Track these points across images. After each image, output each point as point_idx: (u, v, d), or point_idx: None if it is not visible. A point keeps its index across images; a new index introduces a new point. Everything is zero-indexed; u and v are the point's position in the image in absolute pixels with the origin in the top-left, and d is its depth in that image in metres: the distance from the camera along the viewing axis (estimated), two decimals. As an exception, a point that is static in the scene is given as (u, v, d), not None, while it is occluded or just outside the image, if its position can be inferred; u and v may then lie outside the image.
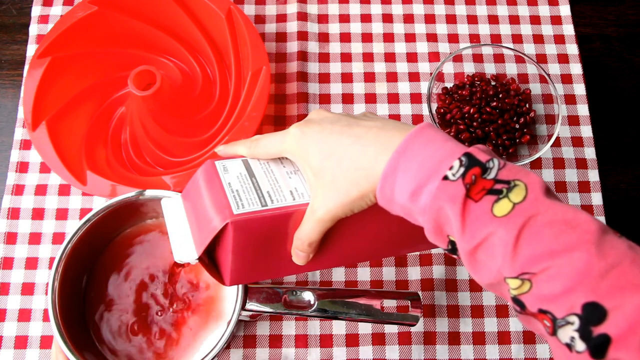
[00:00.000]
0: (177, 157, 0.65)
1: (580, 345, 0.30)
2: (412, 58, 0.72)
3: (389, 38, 0.73)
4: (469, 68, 0.68)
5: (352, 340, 0.60)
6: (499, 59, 0.69)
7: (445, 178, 0.34)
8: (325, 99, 0.70)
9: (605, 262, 0.30)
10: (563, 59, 0.72)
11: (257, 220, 0.39)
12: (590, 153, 0.67)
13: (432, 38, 0.73)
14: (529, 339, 0.60)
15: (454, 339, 0.60)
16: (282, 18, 0.73)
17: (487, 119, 0.64)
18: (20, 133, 0.68)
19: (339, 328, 0.60)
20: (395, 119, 0.68)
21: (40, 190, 0.65)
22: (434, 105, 0.67)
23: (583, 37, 0.75)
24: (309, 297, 0.53)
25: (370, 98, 0.70)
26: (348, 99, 0.70)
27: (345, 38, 0.73)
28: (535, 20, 0.74)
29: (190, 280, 0.57)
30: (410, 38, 0.73)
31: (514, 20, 0.74)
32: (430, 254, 0.63)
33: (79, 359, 0.49)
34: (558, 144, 0.68)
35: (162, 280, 0.57)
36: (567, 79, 0.71)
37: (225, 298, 0.56)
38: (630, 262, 0.30)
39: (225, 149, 0.46)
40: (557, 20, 0.74)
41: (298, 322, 0.61)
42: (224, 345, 0.51)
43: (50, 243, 0.63)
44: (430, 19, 0.74)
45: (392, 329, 0.60)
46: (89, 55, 0.67)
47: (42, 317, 0.60)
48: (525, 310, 0.33)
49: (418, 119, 0.69)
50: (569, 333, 0.30)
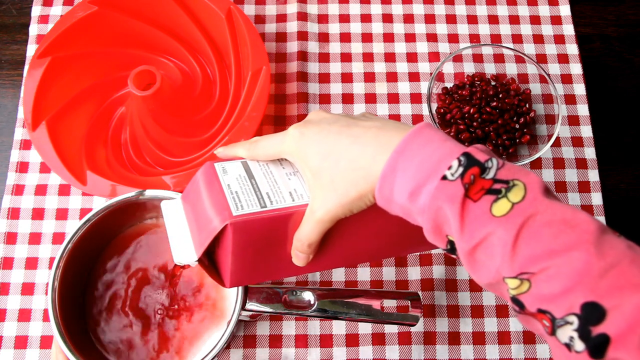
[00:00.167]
0: (177, 157, 0.65)
1: (580, 345, 0.30)
2: (412, 58, 0.72)
3: (389, 38, 0.73)
4: (469, 68, 0.68)
5: (352, 340, 0.60)
6: (499, 59, 0.69)
7: (444, 178, 0.34)
8: (325, 99, 0.70)
9: (604, 261, 0.30)
10: (563, 59, 0.72)
11: (256, 222, 0.39)
12: (590, 153, 0.67)
13: (432, 38, 0.73)
14: (529, 339, 0.60)
15: (454, 339, 0.60)
16: (282, 18, 0.73)
17: (487, 119, 0.64)
18: (20, 133, 0.68)
19: (339, 328, 0.60)
20: (395, 119, 0.68)
21: (40, 190, 0.65)
22: (434, 105, 0.67)
23: (583, 37, 0.75)
24: (309, 297, 0.53)
25: (370, 98, 0.70)
26: (348, 99, 0.70)
27: (345, 38, 0.73)
28: (535, 20, 0.74)
29: (191, 280, 0.57)
30: (410, 38, 0.73)
31: (514, 20, 0.74)
32: (430, 254, 0.63)
33: (79, 359, 0.49)
34: (558, 144, 0.68)
35: (162, 280, 0.57)
36: (567, 79, 0.71)
37: (225, 298, 0.56)
38: (630, 261, 0.30)
39: (225, 151, 0.46)
40: (557, 20, 0.74)
41: (298, 322, 0.61)
42: (224, 345, 0.51)
43: (50, 243, 0.63)
44: (430, 19, 0.74)
45: (392, 329, 0.60)
46: (89, 55, 0.67)
47: (42, 317, 0.60)
48: (525, 310, 0.33)
49: (418, 119, 0.69)
50: (568, 333, 0.30)
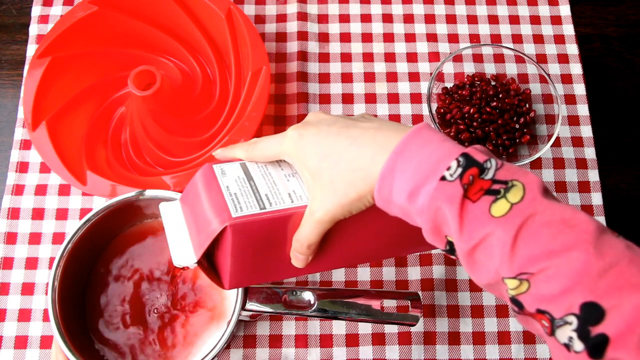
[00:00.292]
0: (177, 157, 0.65)
1: (579, 345, 0.30)
2: (412, 58, 0.72)
3: (389, 38, 0.73)
4: (469, 68, 0.68)
5: (352, 340, 0.60)
6: (499, 59, 0.69)
7: (443, 178, 0.34)
8: (325, 99, 0.70)
9: (604, 261, 0.30)
10: (563, 59, 0.72)
11: (255, 223, 0.39)
12: (590, 153, 0.67)
13: (432, 38, 0.73)
14: (529, 339, 0.60)
15: (454, 339, 0.60)
16: (282, 18, 0.73)
17: (487, 119, 0.64)
18: (20, 133, 0.68)
19: (339, 328, 0.60)
20: (395, 119, 0.69)
21: (40, 190, 0.65)
22: (434, 105, 0.67)
23: (583, 37, 0.75)
24: (309, 297, 0.53)
25: (370, 98, 0.70)
26: (348, 99, 0.70)
27: (345, 38, 0.73)
28: (535, 20, 0.74)
29: (191, 280, 0.57)
30: (410, 38, 0.73)
31: (514, 20, 0.74)
32: (430, 254, 0.63)
33: (79, 359, 0.49)
34: (558, 144, 0.68)
35: (162, 280, 0.57)
36: (567, 79, 0.71)
37: (225, 298, 0.56)
38: (629, 261, 0.30)
39: (223, 152, 0.46)
40: (557, 20, 0.74)
41: (298, 322, 0.61)
42: (224, 345, 0.51)
43: (50, 243, 0.63)
44: (430, 19, 0.74)
45: (392, 329, 0.60)
46: (89, 55, 0.67)
47: (42, 317, 0.60)
48: (524, 311, 0.33)
49: (418, 119, 0.69)
50: (567, 333, 0.30)
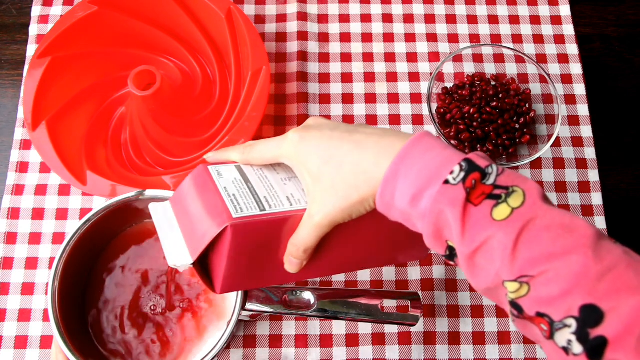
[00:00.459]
0: (177, 157, 0.65)
1: (578, 348, 0.30)
2: (412, 58, 0.72)
3: (389, 38, 0.73)
4: (469, 68, 0.68)
5: (352, 340, 0.60)
6: (499, 59, 0.69)
7: (446, 182, 0.34)
8: (325, 99, 0.70)
9: (602, 265, 0.30)
10: (563, 59, 0.72)
11: (256, 225, 0.38)
12: (590, 153, 0.67)
13: (432, 38, 0.73)
14: (529, 339, 0.60)
15: (454, 339, 0.60)
16: (282, 18, 0.73)
17: (487, 119, 0.64)
18: (20, 133, 0.68)
19: (339, 328, 0.60)
20: (395, 119, 0.69)
21: (40, 190, 0.65)
22: (434, 105, 0.67)
23: (583, 37, 0.75)
24: (309, 297, 0.53)
25: (370, 98, 0.70)
26: (348, 99, 0.70)
27: (345, 38, 0.73)
28: (535, 20, 0.74)
29: (190, 280, 0.57)
30: (410, 38, 0.73)
31: (514, 20, 0.74)
32: (430, 254, 0.63)
33: (79, 359, 0.49)
34: (558, 144, 0.68)
35: (162, 280, 0.57)
36: (567, 79, 0.71)
37: (225, 298, 0.56)
38: (626, 266, 0.31)
39: (216, 156, 0.45)
40: (557, 20, 0.74)
41: (298, 322, 0.61)
42: (224, 345, 0.51)
43: (50, 243, 0.63)
44: (430, 19, 0.74)
45: (392, 329, 0.60)
46: (89, 55, 0.67)
47: (42, 317, 0.60)
48: (523, 314, 0.33)
49: (418, 119, 0.69)
50: (566, 336, 0.30)
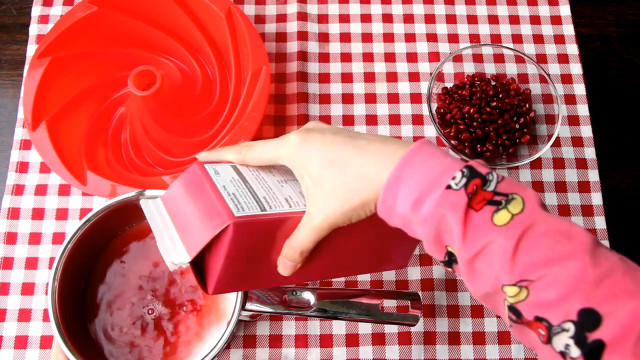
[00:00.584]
0: (177, 157, 0.65)
1: (575, 352, 0.30)
2: (412, 58, 0.72)
3: (389, 38, 0.73)
4: (469, 68, 0.68)
5: (352, 340, 0.60)
6: (499, 59, 0.69)
7: (448, 187, 0.34)
8: (325, 99, 0.70)
9: (599, 270, 0.31)
10: (563, 59, 0.72)
11: (257, 224, 0.38)
12: (590, 153, 0.67)
13: (432, 38, 0.73)
14: (529, 339, 0.60)
15: (454, 339, 0.60)
16: (282, 18, 0.73)
17: (487, 119, 0.64)
18: (20, 133, 0.68)
19: (339, 328, 0.60)
20: (395, 119, 0.69)
21: (40, 190, 0.65)
22: (434, 105, 0.67)
23: (583, 37, 0.75)
24: (309, 297, 0.53)
25: (370, 98, 0.70)
26: (348, 99, 0.70)
27: (345, 38, 0.73)
28: (535, 20, 0.74)
29: (190, 280, 0.57)
30: (410, 38, 0.73)
31: (514, 20, 0.74)
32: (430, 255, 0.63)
33: (79, 359, 0.49)
34: (558, 144, 0.68)
35: (162, 280, 0.57)
36: (567, 79, 0.71)
37: (226, 298, 0.56)
38: (623, 272, 0.31)
39: (209, 155, 0.44)
40: (557, 20, 0.74)
41: (298, 322, 0.61)
42: (224, 345, 0.51)
43: (50, 243, 0.63)
44: (430, 19, 0.74)
45: (392, 329, 0.60)
46: (89, 55, 0.67)
47: (42, 317, 0.60)
48: (522, 319, 0.33)
49: (418, 119, 0.69)
50: (564, 340, 0.31)
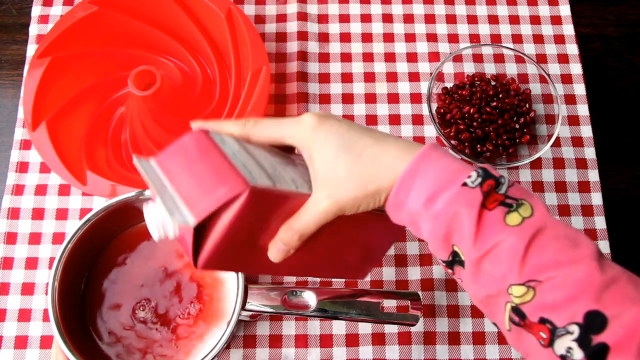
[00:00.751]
0: (177, 157, 0.65)
1: (578, 354, 0.31)
2: (412, 58, 0.72)
3: (389, 38, 0.73)
4: (469, 68, 0.68)
5: (352, 340, 0.60)
6: (499, 59, 0.69)
7: (464, 185, 0.35)
8: (325, 99, 0.70)
9: (606, 276, 0.32)
10: (563, 59, 0.72)
11: (270, 196, 0.36)
12: (590, 153, 0.67)
13: (432, 38, 0.73)
14: (529, 339, 0.60)
15: (454, 339, 0.60)
16: (282, 18, 0.73)
17: (487, 119, 0.64)
18: (20, 133, 0.68)
19: (339, 328, 0.60)
20: (395, 119, 0.69)
21: (40, 190, 0.65)
22: (434, 105, 0.67)
23: (583, 37, 0.75)
24: (309, 297, 0.53)
25: (370, 98, 0.70)
26: (348, 99, 0.70)
27: (345, 38, 0.73)
28: (535, 20, 0.74)
29: (191, 281, 0.57)
30: (410, 38, 0.73)
31: (514, 20, 0.74)
32: (431, 254, 0.63)
33: (79, 359, 0.49)
34: (558, 144, 0.68)
35: (161, 280, 0.57)
36: (567, 79, 0.71)
37: (225, 298, 0.56)
38: (627, 279, 0.33)
39: (206, 125, 0.40)
40: (557, 20, 0.74)
41: (298, 322, 0.61)
42: (224, 345, 0.51)
43: (50, 243, 0.63)
44: (430, 19, 0.74)
45: (392, 329, 0.60)
46: (89, 55, 0.67)
47: (42, 317, 0.60)
48: (524, 321, 0.33)
49: (418, 119, 0.69)
50: (567, 343, 0.31)
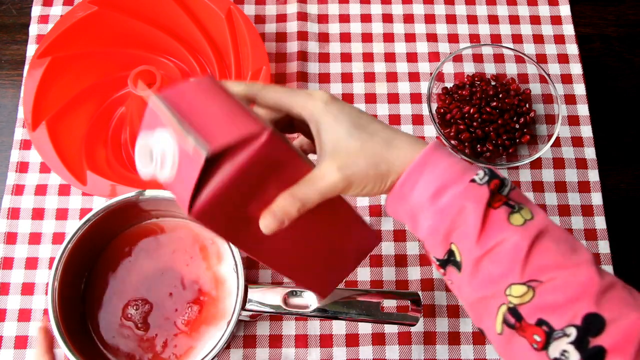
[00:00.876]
0: (177, 157, 0.65)
1: (575, 356, 0.31)
2: (412, 58, 0.72)
3: (389, 38, 0.73)
4: (469, 68, 0.68)
5: (352, 340, 0.60)
6: (499, 59, 0.68)
7: (472, 181, 0.35)
8: (325, 99, 0.70)
9: (605, 281, 0.33)
10: (563, 59, 0.72)
11: (283, 150, 0.34)
12: (590, 153, 0.67)
13: (432, 38, 0.73)
14: (529, 339, 0.60)
15: (454, 339, 0.60)
16: (282, 18, 0.73)
17: (487, 119, 0.64)
18: (20, 133, 0.68)
19: (339, 328, 0.60)
20: (395, 119, 0.69)
21: (40, 190, 0.65)
22: (434, 105, 0.67)
23: (583, 37, 0.75)
24: (309, 297, 0.53)
25: (370, 98, 0.70)
26: (348, 99, 0.70)
27: (345, 38, 0.73)
28: (535, 20, 0.74)
29: (191, 281, 0.57)
30: (410, 38, 0.73)
31: (514, 20, 0.74)
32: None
33: (79, 359, 0.49)
34: (558, 144, 0.68)
35: (161, 280, 0.57)
36: (567, 79, 0.71)
37: (225, 298, 0.56)
38: (623, 286, 0.34)
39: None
40: (557, 20, 0.74)
41: (298, 322, 0.61)
42: (224, 345, 0.51)
43: (50, 243, 0.63)
44: (430, 19, 0.74)
45: (392, 329, 0.60)
46: (89, 55, 0.67)
47: (42, 317, 0.60)
48: (521, 323, 0.33)
49: (418, 119, 0.69)
50: (562, 346, 0.31)
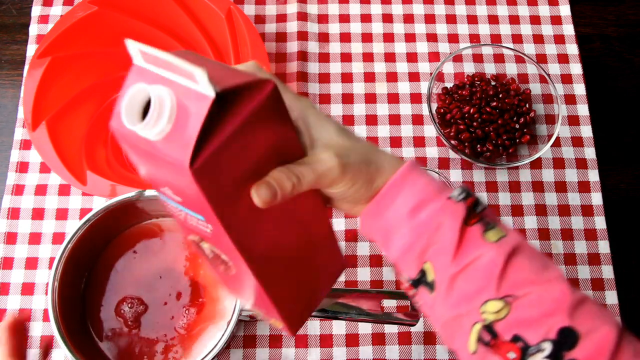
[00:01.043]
0: (177, 157, 0.65)
1: None
2: (412, 58, 0.72)
3: (389, 38, 0.73)
4: (469, 68, 0.68)
5: (352, 340, 0.60)
6: (499, 59, 0.69)
7: (449, 198, 0.35)
8: (325, 99, 0.70)
9: (576, 296, 0.34)
10: (563, 59, 0.72)
11: (283, 113, 0.32)
12: (590, 153, 0.67)
13: (432, 38, 0.73)
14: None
15: (454, 339, 0.60)
16: (282, 18, 0.73)
17: (487, 119, 0.64)
18: (20, 133, 0.68)
19: (339, 328, 0.60)
20: (395, 119, 0.69)
21: (40, 190, 0.65)
22: (434, 105, 0.67)
23: (583, 37, 0.75)
24: (309, 297, 0.53)
25: (370, 98, 0.70)
26: (348, 99, 0.70)
27: (345, 38, 0.73)
28: (535, 20, 0.74)
29: (190, 281, 0.57)
30: (410, 38, 0.73)
31: (514, 20, 0.74)
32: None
33: (79, 359, 0.49)
34: (558, 144, 0.68)
35: (161, 280, 0.57)
36: (567, 79, 0.71)
37: (225, 298, 0.56)
38: (592, 301, 0.35)
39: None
40: (557, 20, 0.74)
41: (298, 322, 0.61)
42: (224, 345, 0.51)
43: (50, 243, 0.63)
44: (430, 19, 0.74)
45: (392, 329, 0.60)
46: (89, 55, 0.67)
47: (42, 317, 0.60)
48: (496, 340, 0.33)
49: (418, 119, 0.69)
50: None
